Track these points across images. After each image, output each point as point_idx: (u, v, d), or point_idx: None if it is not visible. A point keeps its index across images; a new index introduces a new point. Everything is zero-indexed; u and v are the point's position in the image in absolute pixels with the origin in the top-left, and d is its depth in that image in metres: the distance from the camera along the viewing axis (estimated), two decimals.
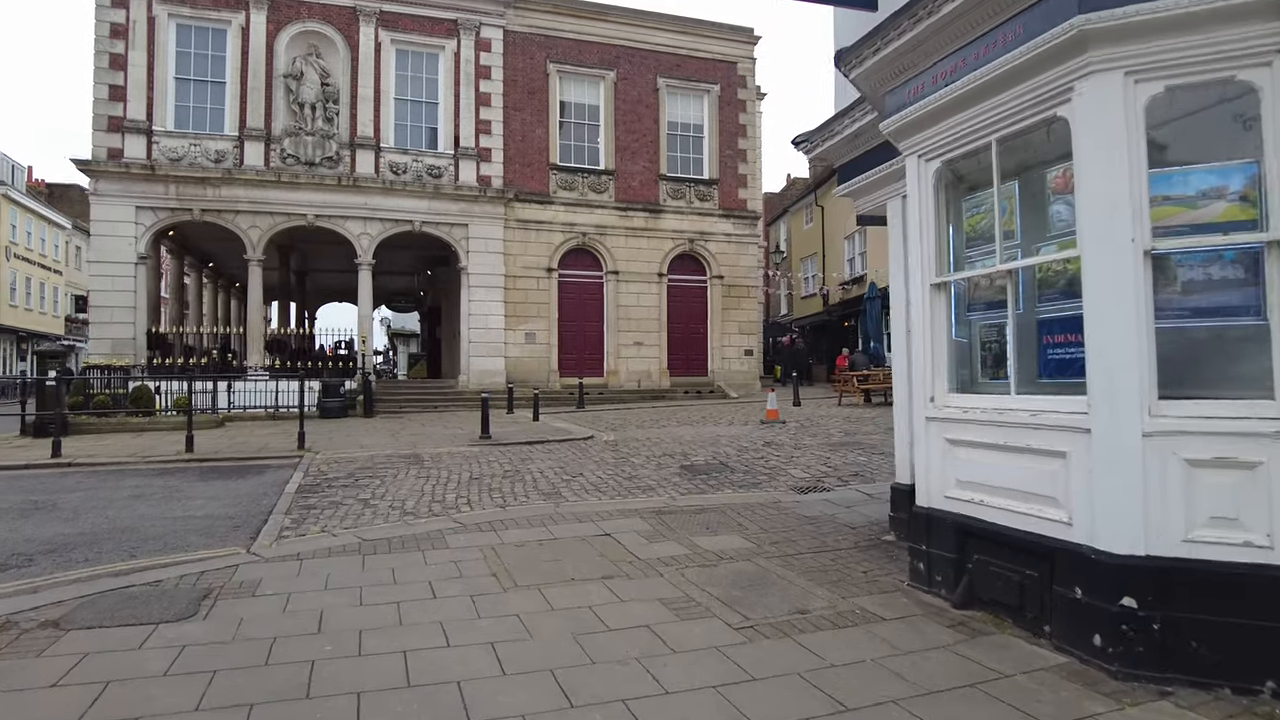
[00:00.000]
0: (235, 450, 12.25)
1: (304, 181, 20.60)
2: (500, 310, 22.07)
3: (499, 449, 12.09)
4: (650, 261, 23.70)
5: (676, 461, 10.50)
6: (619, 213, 23.45)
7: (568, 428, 14.82)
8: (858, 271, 29.17)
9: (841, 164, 6.96)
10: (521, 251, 22.47)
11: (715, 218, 24.50)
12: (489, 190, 22.02)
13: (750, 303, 25.17)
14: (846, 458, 10.47)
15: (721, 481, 9.07)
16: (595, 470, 9.96)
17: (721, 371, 24.45)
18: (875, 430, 13.62)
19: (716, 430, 14.14)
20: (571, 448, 12.16)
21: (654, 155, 23.91)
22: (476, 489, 8.84)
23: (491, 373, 21.53)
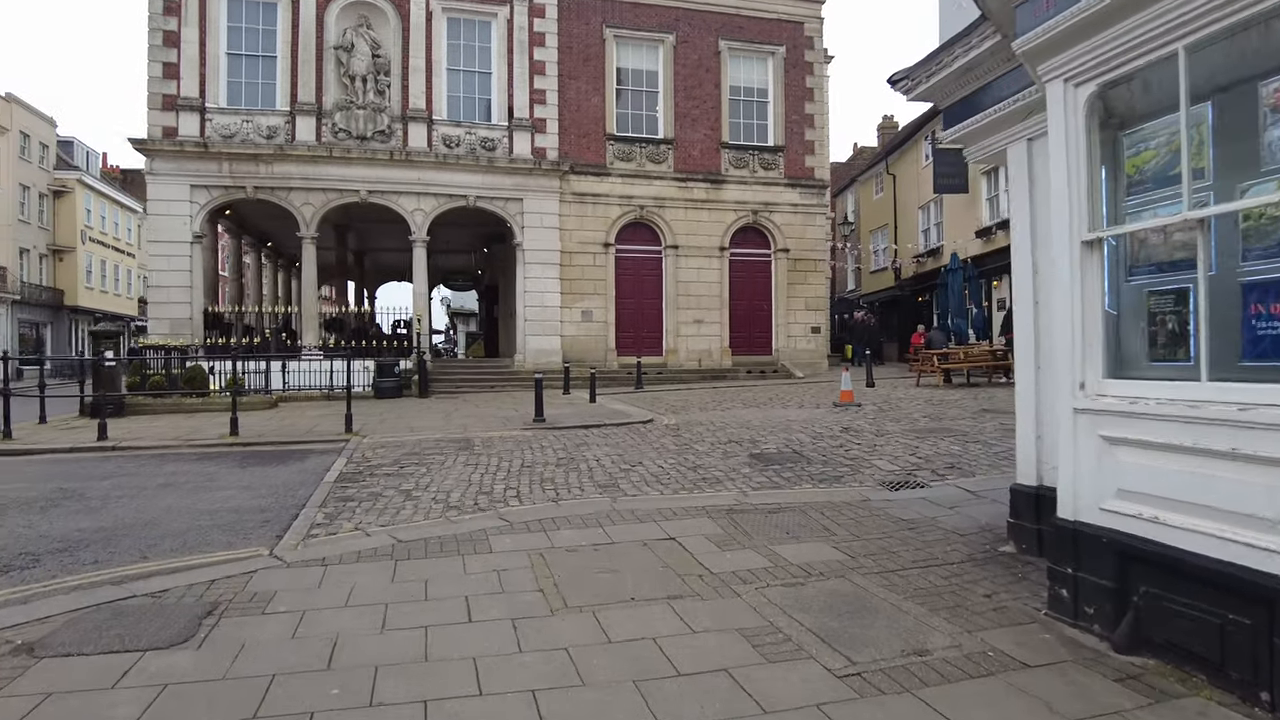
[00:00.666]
0: (281, 433, 11.79)
1: (356, 156, 20.13)
2: (556, 287, 21.35)
3: (553, 433, 11.35)
4: (711, 235, 22.66)
5: (744, 450, 9.58)
6: (678, 184, 22.43)
7: (625, 410, 14.02)
8: (933, 243, 27.59)
9: (949, 105, 5.88)
10: (577, 226, 21.68)
11: (780, 187, 23.27)
12: (544, 162, 21.24)
13: (817, 277, 23.92)
14: (937, 447, 9.40)
15: (798, 474, 8.12)
16: (655, 459, 9.12)
17: (786, 350, 23.33)
18: (962, 414, 12.46)
19: (785, 414, 13.16)
20: (629, 432, 11.35)
21: (715, 122, 22.77)
22: (527, 479, 8.09)
23: (547, 352, 20.88)
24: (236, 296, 24.99)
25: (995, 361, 17.84)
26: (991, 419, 11.75)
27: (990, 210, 23.25)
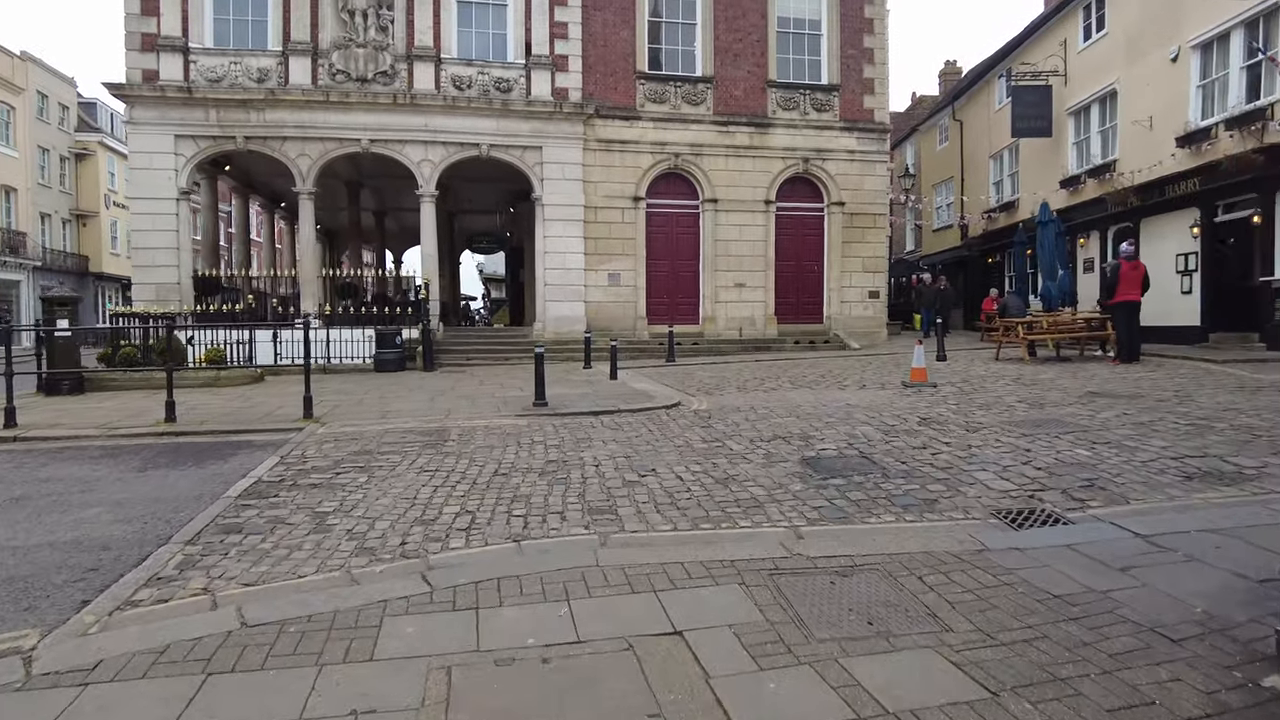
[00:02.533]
0: (230, 419, 9.79)
1: (355, 101, 17.97)
2: (579, 247, 19.04)
3: (553, 422, 9.14)
4: (755, 186, 20.05)
5: (795, 450, 7.25)
6: (718, 128, 19.81)
7: (649, 390, 11.74)
8: (1006, 196, 24.52)
9: None
10: (604, 178, 19.27)
11: (835, 131, 20.49)
12: (565, 105, 18.82)
13: (876, 234, 21.19)
14: (1056, 449, 6.93)
15: (871, 494, 5.77)
16: (674, 464, 6.84)
17: (840, 318, 20.73)
18: (1066, 399, 9.90)
19: (844, 396, 10.74)
20: (648, 421, 9.07)
21: (760, 58, 20.04)
22: (494, 497, 5.90)
23: (570, 320, 18.65)
24: (244, 260, 23.24)
25: (1090, 332, 15.08)
26: (1109, 407, 9.19)
27: (1078, 156, 20.19)
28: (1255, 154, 13.41)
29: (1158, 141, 16.25)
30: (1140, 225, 17.43)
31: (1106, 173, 18.25)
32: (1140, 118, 16.85)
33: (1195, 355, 13.92)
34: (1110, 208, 17.88)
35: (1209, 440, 7.06)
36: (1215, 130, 14.72)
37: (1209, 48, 15.30)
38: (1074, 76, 19.92)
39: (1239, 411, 8.53)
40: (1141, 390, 10.53)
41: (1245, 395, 9.88)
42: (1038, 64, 21.00)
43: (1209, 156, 14.73)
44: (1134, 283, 13.61)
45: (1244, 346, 14.35)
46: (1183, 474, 6.03)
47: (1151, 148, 16.41)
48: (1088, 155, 19.62)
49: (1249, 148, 13.61)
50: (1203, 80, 15.45)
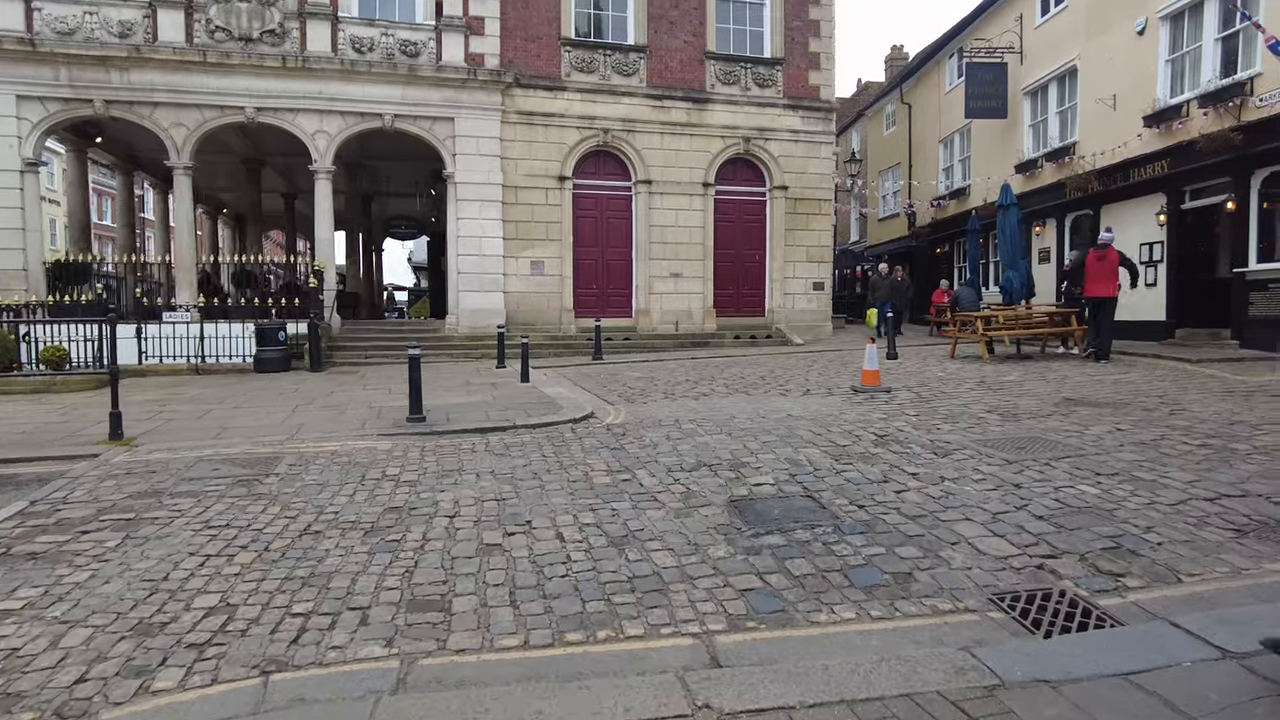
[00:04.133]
0: (17, 441, 7.68)
1: (238, 63, 15.69)
2: (497, 231, 17.08)
3: (424, 444, 7.28)
4: (693, 167, 18.35)
5: (721, 487, 5.56)
6: (652, 103, 18.04)
7: (561, 396, 9.95)
8: (957, 183, 23.30)
9: None
10: (525, 154, 17.34)
11: (778, 109, 18.89)
12: (480, 72, 16.82)
13: (821, 221, 19.70)
14: (1052, 482, 5.37)
15: (820, 563, 4.11)
16: (560, 512, 5.08)
17: (783, 311, 19.20)
18: (1041, 407, 8.44)
19: (786, 405, 9.11)
20: (547, 442, 7.28)
21: (699, 26, 18.31)
22: (280, 576, 4.08)
23: (486, 312, 16.69)
24: (128, 245, 20.64)
25: (1053, 328, 13.81)
26: (1095, 419, 7.74)
27: (1035, 138, 18.98)
28: (1233, 132, 12.23)
29: (1122, 122, 15.05)
30: (1101, 212, 16.27)
31: (1065, 156, 17.05)
32: (1103, 96, 15.64)
33: (1166, 354, 12.72)
34: (1069, 194, 16.69)
35: (1240, 471, 5.59)
36: (1187, 108, 13.54)
37: (1179, 18, 14.11)
38: (1031, 54, 18.69)
39: (1247, 425, 7.15)
40: (1122, 396, 9.15)
41: (1240, 402, 8.56)
42: (992, 40, 19.75)
43: (1180, 137, 13.55)
44: (1100, 275, 12.32)
45: (1215, 343, 13.24)
46: (1231, 526, 4.51)
47: (1115, 128, 15.21)
48: (1045, 138, 18.42)
49: (1226, 126, 12.44)
50: (1172, 54, 14.26)
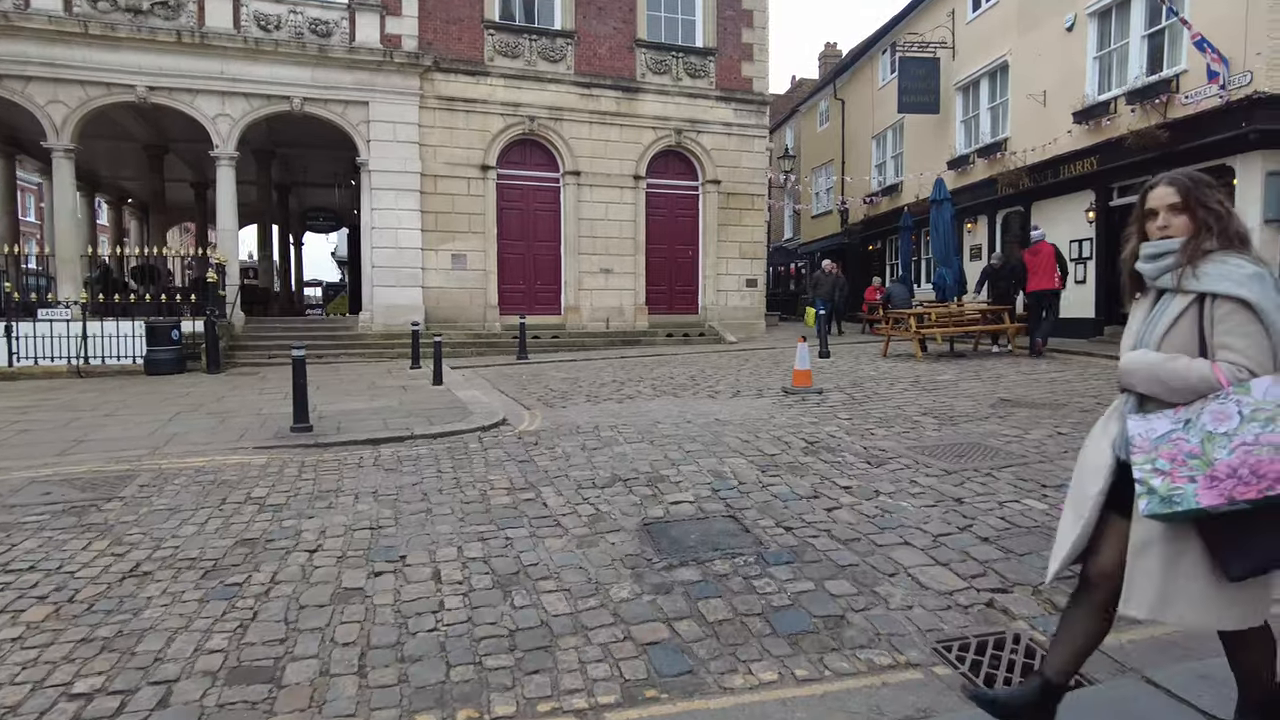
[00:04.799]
0: None
1: (126, 37, 14.38)
2: (416, 223, 16.13)
3: (305, 458, 6.45)
4: (624, 159, 17.70)
5: (635, 506, 4.92)
6: (581, 90, 17.32)
7: (474, 401, 9.18)
8: (890, 179, 23.19)
9: None
10: (446, 141, 16.43)
11: (711, 101, 18.38)
12: (397, 55, 15.84)
13: (754, 217, 19.28)
14: (996, 495, 4.89)
15: (739, 604, 3.50)
16: (443, 543, 4.37)
17: (716, 308, 18.72)
18: (977, 408, 8.06)
19: (714, 408, 8.54)
20: (447, 455, 6.53)
21: (629, 13, 17.66)
22: (70, 644, 3.27)
23: (403, 309, 15.70)
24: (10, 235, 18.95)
25: (986, 325, 13.62)
26: (1033, 422, 7.38)
27: (966, 134, 18.90)
28: (1160, 129, 12.18)
29: (1052, 118, 14.97)
30: (1032, 209, 16.22)
31: (997, 152, 16.97)
32: (1034, 92, 15.56)
33: (1097, 351, 12.63)
34: (1000, 190, 16.61)
35: None
36: (1115, 104, 13.49)
37: (1107, 15, 14.06)
38: (963, 49, 18.60)
39: None
40: (1058, 396, 8.86)
41: None
42: (925, 35, 19.63)
43: (1108, 133, 13.49)
44: (1037, 270, 12.26)
45: None
46: None
47: (1045, 125, 15.13)
48: (977, 134, 18.35)
49: (1153, 123, 12.38)
50: (1101, 51, 14.21)
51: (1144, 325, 2.23)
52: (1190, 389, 2.03)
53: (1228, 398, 1.94)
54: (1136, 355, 2.18)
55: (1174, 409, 2.04)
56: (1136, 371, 2.15)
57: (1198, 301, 2.10)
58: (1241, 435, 1.89)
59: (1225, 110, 11.42)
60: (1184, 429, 1.99)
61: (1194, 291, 2.10)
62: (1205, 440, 1.94)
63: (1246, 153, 11.41)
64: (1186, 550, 2.07)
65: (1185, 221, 2.16)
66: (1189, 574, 2.07)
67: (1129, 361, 2.19)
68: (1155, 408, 2.12)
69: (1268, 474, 1.85)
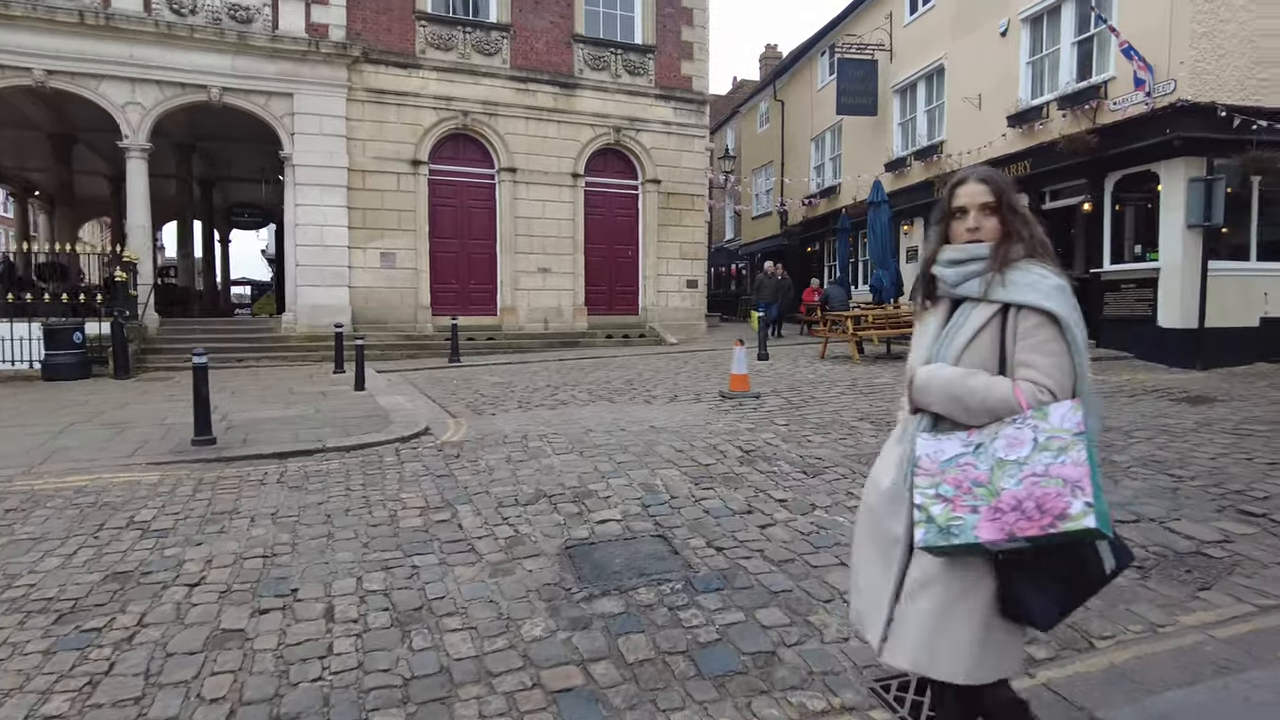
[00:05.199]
0: None
1: (21, 15, 13.39)
2: (342, 220, 15.45)
3: (203, 474, 5.94)
4: (561, 156, 17.31)
5: (558, 527, 4.59)
6: (517, 85, 16.87)
7: (395, 409, 8.70)
8: (829, 181, 23.27)
9: None
10: (375, 135, 15.80)
11: (650, 99, 18.12)
12: (324, 44, 15.16)
13: (695, 217, 19.10)
14: None
15: (662, 640, 3.19)
16: (341, 574, 3.97)
17: (656, 309, 18.48)
18: None
19: (650, 414, 8.25)
20: (360, 470, 6.09)
21: (566, 7, 17.27)
22: None
23: (330, 309, 15.01)
24: None
25: None
26: None
27: (904, 136, 19.02)
28: (1090, 135, 12.35)
29: (987, 121, 15.12)
30: None
31: (933, 154, 17.10)
32: (969, 95, 15.70)
33: None
34: (937, 192, 16.72)
35: (1126, 488, 5.13)
36: (1047, 109, 13.65)
37: (1039, 21, 14.24)
38: (900, 52, 18.71)
39: (1120, 431, 6.84)
40: None
41: (1106, 405, 8.37)
42: (863, 37, 19.71)
43: (1041, 137, 13.66)
44: None
45: None
46: (1134, 564, 3.92)
47: (981, 128, 15.27)
48: (914, 136, 18.47)
49: (1083, 128, 12.56)
50: (1033, 56, 14.38)
51: (938, 338, 2.01)
52: (988, 410, 1.82)
53: (1024, 422, 1.75)
54: (932, 370, 1.95)
55: (967, 430, 1.85)
56: (932, 388, 1.92)
57: (1001, 313, 1.90)
58: (1032, 465, 1.70)
59: (1151, 117, 11.62)
60: (974, 453, 1.79)
61: (999, 302, 1.90)
62: (995, 467, 1.74)
63: (1170, 159, 11.62)
64: (969, 592, 1.85)
65: (996, 225, 1.96)
66: (964, 620, 1.86)
67: (923, 377, 1.96)
68: (949, 428, 1.91)
69: (1052, 509, 1.65)
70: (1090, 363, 1.87)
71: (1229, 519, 4.52)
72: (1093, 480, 1.64)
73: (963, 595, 1.85)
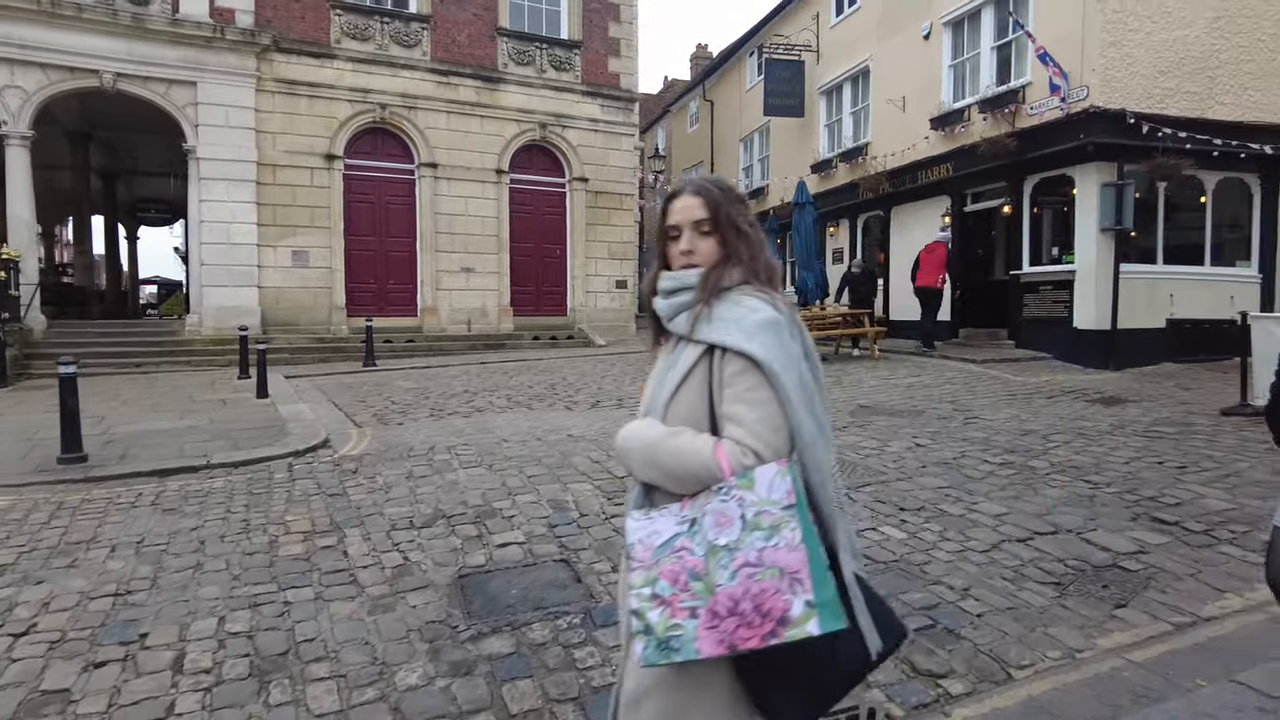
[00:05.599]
0: None
1: None
2: (251, 216, 14.65)
3: (62, 498, 5.37)
4: (485, 152, 16.79)
5: (454, 553, 4.24)
6: (438, 78, 16.30)
7: (295, 418, 8.16)
8: (756, 181, 23.26)
9: None
10: (287, 128, 15.04)
11: (577, 95, 17.76)
12: (230, 31, 14.33)
13: (624, 216, 18.81)
14: (855, 527, 4.53)
15: (553, 685, 2.89)
16: (204, 611, 3.55)
17: (585, 310, 18.14)
18: (838, 417, 7.83)
19: (569, 421, 7.93)
20: (244, 488, 5.61)
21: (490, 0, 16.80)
22: None
23: (237, 311, 14.17)
24: None
25: (847, 329, 13.70)
26: (892, 431, 7.20)
27: (830, 138, 19.10)
28: (1009, 138, 12.54)
29: (911, 123, 15.25)
30: (891, 213, 16.52)
31: (859, 156, 17.20)
32: (894, 98, 15.82)
33: (953, 354, 12.90)
34: (862, 194, 16.84)
35: (1044, 497, 5.04)
36: (968, 112, 13.82)
37: (960, 25, 14.41)
38: (826, 53, 18.78)
39: (1038, 435, 6.84)
40: (916, 402, 8.80)
41: (1024, 406, 8.45)
42: (791, 37, 19.73)
43: (963, 140, 13.82)
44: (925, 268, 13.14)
45: (994, 344, 13.62)
46: (1050, 578, 3.82)
47: (905, 130, 15.40)
48: (839, 138, 18.56)
49: (1003, 132, 12.73)
50: (955, 59, 14.55)
51: (657, 384, 1.66)
52: (693, 478, 1.46)
53: (729, 493, 1.40)
54: (633, 430, 1.60)
55: (680, 502, 1.48)
56: (632, 451, 1.57)
57: (709, 354, 1.56)
58: (745, 551, 1.36)
59: (1066, 122, 11.83)
60: (690, 533, 1.43)
61: (705, 342, 1.56)
62: (709, 554, 1.39)
63: (1085, 164, 11.85)
64: (699, 696, 1.49)
65: (713, 245, 1.64)
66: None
67: (624, 436, 1.60)
68: (664, 498, 1.53)
69: (772, 611, 1.33)
70: (816, 404, 1.54)
71: (1143, 527, 4.46)
72: (812, 568, 1.34)
73: (693, 700, 1.49)
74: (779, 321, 1.54)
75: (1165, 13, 11.76)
